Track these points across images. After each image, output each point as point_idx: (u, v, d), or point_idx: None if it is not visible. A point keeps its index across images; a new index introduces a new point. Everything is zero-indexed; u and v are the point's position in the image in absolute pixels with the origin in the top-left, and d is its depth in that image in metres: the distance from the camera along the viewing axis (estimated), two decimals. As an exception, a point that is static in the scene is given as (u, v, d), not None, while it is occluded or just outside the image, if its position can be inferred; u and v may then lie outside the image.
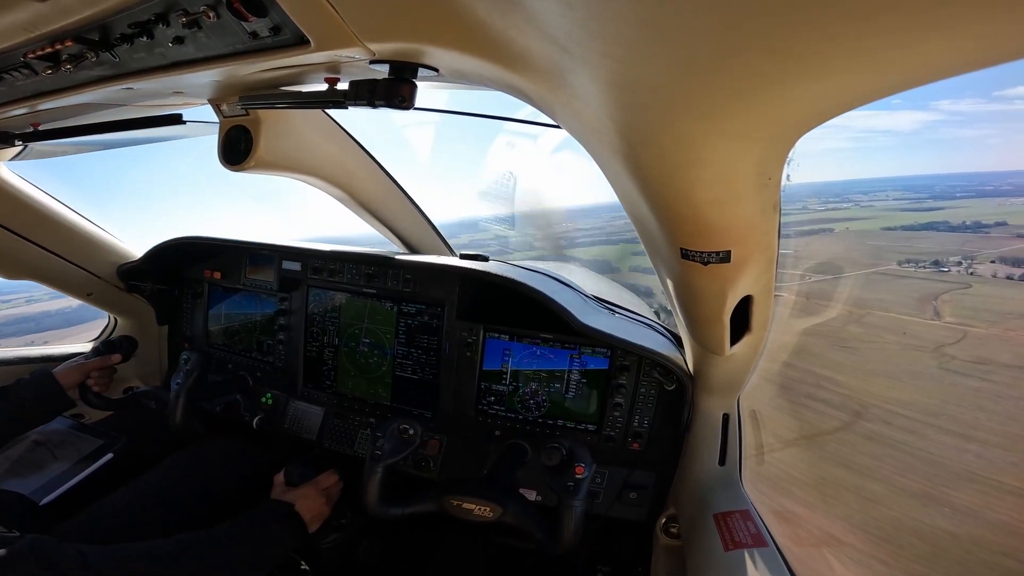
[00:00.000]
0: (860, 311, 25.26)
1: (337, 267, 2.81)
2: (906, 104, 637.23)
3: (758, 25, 0.54)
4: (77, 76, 1.50)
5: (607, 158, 1.12)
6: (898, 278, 30.35)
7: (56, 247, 2.92)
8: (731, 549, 1.72)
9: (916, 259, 31.58)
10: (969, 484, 13.87)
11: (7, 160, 2.59)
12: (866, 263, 32.97)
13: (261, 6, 1.04)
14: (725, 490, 2.08)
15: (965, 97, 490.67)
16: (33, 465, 2.40)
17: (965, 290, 27.75)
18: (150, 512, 2.31)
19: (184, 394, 2.57)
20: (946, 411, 17.28)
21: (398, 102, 1.30)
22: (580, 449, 1.98)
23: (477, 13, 0.95)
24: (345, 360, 2.84)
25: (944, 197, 44.93)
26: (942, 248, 33.98)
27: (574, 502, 1.86)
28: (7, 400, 2.33)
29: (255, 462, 2.74)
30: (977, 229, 36.74)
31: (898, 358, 22.14)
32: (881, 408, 17.06)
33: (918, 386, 19.43)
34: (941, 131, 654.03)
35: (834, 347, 21.86)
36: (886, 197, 47.02)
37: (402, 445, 2.12)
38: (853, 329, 23.93)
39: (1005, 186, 47.69)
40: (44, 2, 1.07)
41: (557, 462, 1.95)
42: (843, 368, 20.31)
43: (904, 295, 27.35)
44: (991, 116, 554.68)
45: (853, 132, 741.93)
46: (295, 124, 2.18)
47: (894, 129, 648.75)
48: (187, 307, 3.34)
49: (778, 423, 9.05)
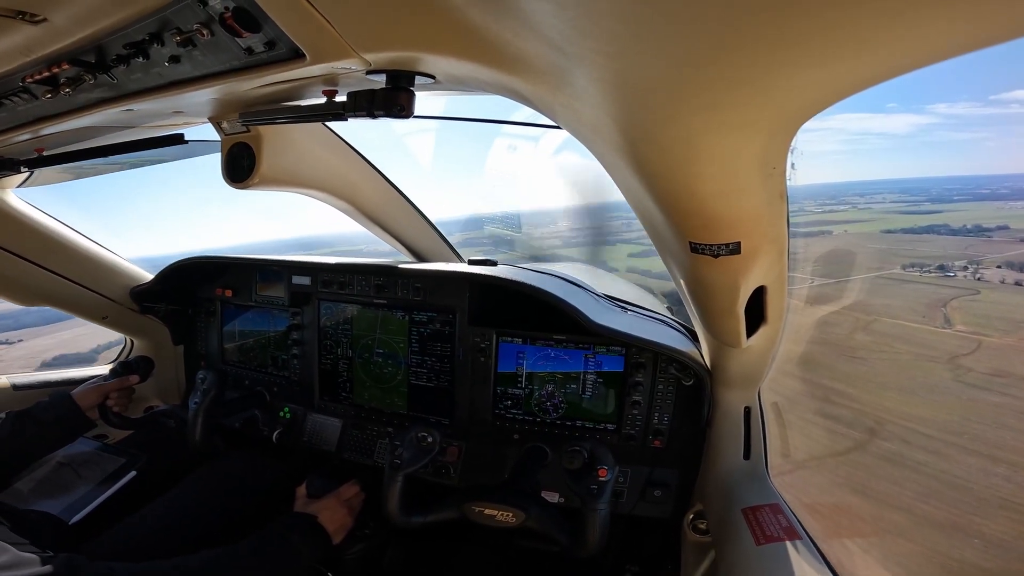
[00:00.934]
0: (867, 318, 24.45)
1: (347, 279, 2.81)
2: (902, 107, 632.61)
3: (751, 15, 0.54)
4: (76, 99, 1.51)
5: (610, 156, 1.11)
6: (903, 283, 29.72)
7: (68, 272, 2.94)
8: (763, 543, 1.70)
9: (920, 263, 31.01)
10: (1000, 512, 12.89)
11: (15, 187, 2.61)
12: (870, 267, 32.26)
13: (255, 22, 1.04)
14: (752, 484, 2.05)
15: (961, 101, 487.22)
16: (60, 486, 2.43)
17: (974, 296, 26.96)
18: (176, 528, 2.33)
19: (202, 413, 2.58)
20: (968, 429, 16.29)
21: (397, 111, 1.30)
22: (602, 451, 1.93)
23: (471, 18, 0.94)
24: (360, 371, 2.84)
25: (941, 200, 44.70)
26: (945, 252, 33.36)
27: (598, 505, 1.82)
28: (28, 424, 2.36)
29: (276, 476, 2.75)
30: (979, 233, 36.33)
31: (911, 369, 21.21)
32: (898, 425, 16.18)
33: (935, 401, 18.35)
34: (936, 134, 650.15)
35: (843, 357, 21.05)
36: (883, 200, 46.75)
37: (421, 453, 2.10)
38: (861, 337, 23.35)
39: (1002, 189, 47.33)
40: (37, 25, 1.08)
41: (579, 465, 1.91)
42: (854, 380, 19.44)
43: (911, 301, 26.53)
44: (987, 120, 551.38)
45: (848, 135, 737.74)
46: (296, 139, 2.18)
47: (889, 132, 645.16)
48: (201, 326, 3.36)
49: (785, 443, 7.24)
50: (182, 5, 1.03)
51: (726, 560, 1.84)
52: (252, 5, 0.99)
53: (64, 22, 1.10)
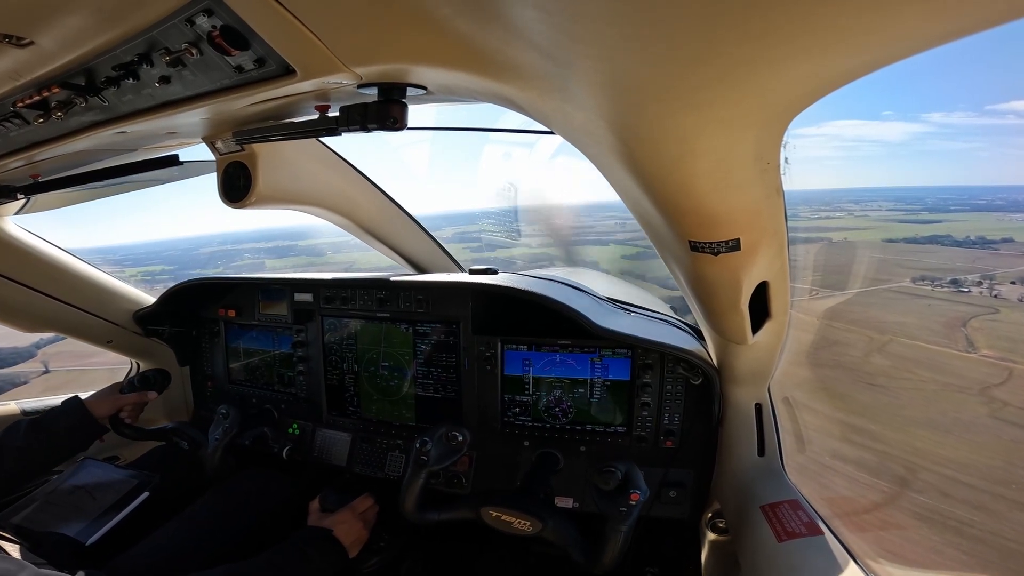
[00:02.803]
0: (882, 337, 21.84)
1: (349, 294, 2.81)
2: (897, 115, 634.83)
3: (736, 13, 0.54)
4: (69, 123, 1.51)
5: (604, 159, 1.11)
6: (915, 297, 27.23)
7: (70, 298, 2.95)
8: (785, 540, 1.69)
9: (930, 276, 29.03)
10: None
11: (12, 215, 2.61)
12: (877, 278, 29.67)
13: (243, 40, 1.04)
14: (769, 481, 2.05)
15: (958, 110, 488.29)
16: (74, 508, 2.42)
17: (994, 316, 23.96)
18: (192, 547, 2.32)
19: (221, 449, 2.60)
20: (1015, 476, 13.21)
21: (390, 124, 1.29)
22: (636, 474, 1.88)
23: (459, 28, 0.94)
24: (366, 385, 2.84)
25: (938, 210, 44.21)
26: (953, 264, 31.70)
27: (622, 527, 1.79)
28: (40, 431, 2.37)
29: (288, 492, 2.74)
30: (984, 245, 35.32)
31: (940, 401, 17.77)
32: (933, 472, 12.91)
33: (973, 441, 15.28)
34: (931, 143, 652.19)
35: (859, 383, 18.46)
36: (879, 208, 46.31)
37: (449, 452, 2.10)
38: (879, 361, 20.43)
39: (998, 200, 46.97)
40: (24, 48, 1.07)
41: (613, 487, 1.85)
42: (876, 414, 16.57)
43: (927, 318, 23.94)
44: (982, 130, 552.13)
45: (843, 141, 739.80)
46: (292, 156, 2.18)
47: (883, 139, 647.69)
48: (206, 346, 3.36)
49: (800, 441, 4.07)
50: (169, 25, 1.03)
51: (748, 559, 1.82)
52: (239, 23, 0.99)
53: (51, 45, 1.10)
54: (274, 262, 32.74)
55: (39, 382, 14.08)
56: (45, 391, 4.81)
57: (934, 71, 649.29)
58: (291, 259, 32.05)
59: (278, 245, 32.90)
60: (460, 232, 11.40)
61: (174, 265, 27.44)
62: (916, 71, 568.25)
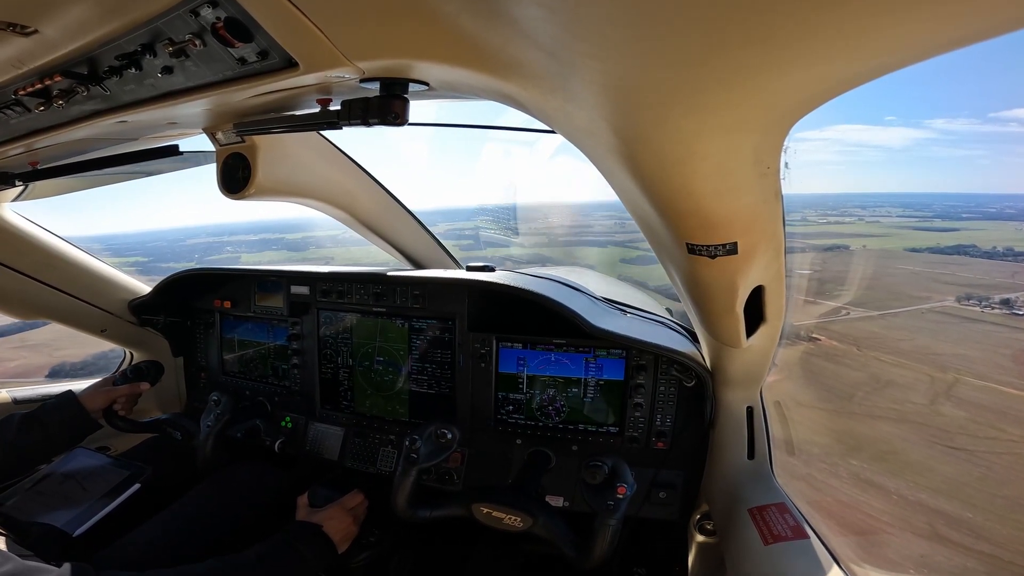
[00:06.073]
0: (944, 376, 17.65)
1: (345, 288, 2.81)
2: (900, 121, 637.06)
3: (740, 17, 0.54)
4: (70, 111, 1.51)
5: (604, 159, 1.11)
6: (965, 321, 22.95)
7: (66, 286, 2.95)
8: (771, 543, 1.71)
9: (974, 294, 25.48)
10: None
11: (9, 201, 2.61)
12: (914, 295, 25.62)
13: (247, 32, 1.04)
14: (757, 484, 2.06)
15: (961, 117, 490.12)
16: (64, 498, 2.41)
17: None
18: (181, 540, 2.32)
19: (214, 436, 2.61)
20: None
21: (391, 119, 1.29)
22: (623, 468, 1.92)
23: (463, 25, 0.94)
24: (361, 380, 2.84)
25: (949, 217, 43.92)
26: (992, 280, 28.63)
27: (611, 520, 1.82)
28: (34, 426, 2.37)
29: (280, 486, 2.75)
30: (1015, 257, 34.04)
31: None
32: None
33: None
34: (932, 149, 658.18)
35: (935, 446, 14.05)
36: (888, 213, 45.85)
37: (439, 449, 2.12)
38: (950, 412, 15.81)
39: (1008, 209, 46.80)
40: (28, 37, 1.07)
41: (600, 481, 1.89)
42: (968, 495, 11.85)
43: (991, 351, 19.33)
44: (984, 137, 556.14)
45: (845, 145, 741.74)
46: (292, 149, 2.18)
47: (886, 145, 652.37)
48: (200, 337, 3.36)
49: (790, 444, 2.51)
50: (173, 16, 1.03)
51: (734, 561, 1.84)
52: (244, 15, 0.99)
53: (55, 34, 1.09)
54: (249, 256, 32.49)
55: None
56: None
57: (938, 77, 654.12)
58: (271, 253, 31.72)
59: (263, 238, 32.78)
60: (454, 229, 11.29)
61: (150, 257, 27.23)
62: (920, 77, 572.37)
